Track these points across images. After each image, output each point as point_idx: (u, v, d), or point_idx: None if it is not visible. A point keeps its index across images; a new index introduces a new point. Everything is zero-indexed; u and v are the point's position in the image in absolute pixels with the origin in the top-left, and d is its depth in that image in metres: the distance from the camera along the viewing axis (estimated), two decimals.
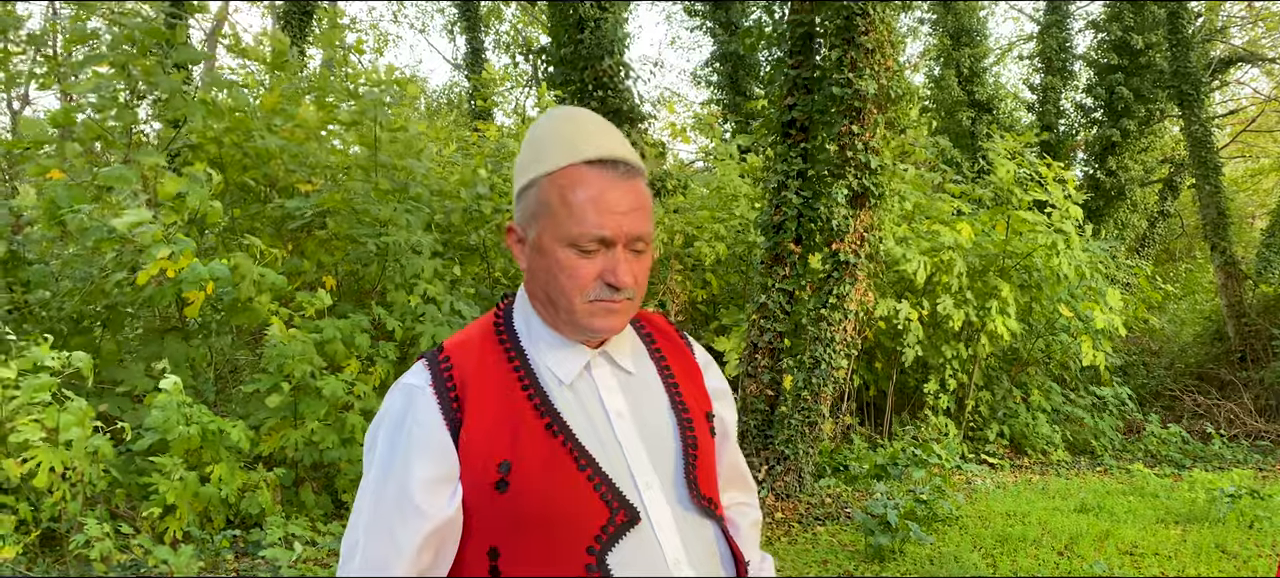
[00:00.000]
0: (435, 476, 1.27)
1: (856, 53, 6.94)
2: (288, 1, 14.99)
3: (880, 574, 5.37)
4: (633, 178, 1.35)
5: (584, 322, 1.34)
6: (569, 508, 1.28)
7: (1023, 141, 11.09)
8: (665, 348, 1.51)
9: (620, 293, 1.33)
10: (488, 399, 1.32)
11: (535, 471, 1.28)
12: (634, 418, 1.38)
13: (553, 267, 1.32)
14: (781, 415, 7.35)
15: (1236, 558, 5.75)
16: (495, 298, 8.48)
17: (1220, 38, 18.01)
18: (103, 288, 6.40)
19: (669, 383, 1.46)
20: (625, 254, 1.33)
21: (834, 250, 7.17)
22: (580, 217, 1.30)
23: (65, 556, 4.97)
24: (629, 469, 1.34)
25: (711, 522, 1.42)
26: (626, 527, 1.29)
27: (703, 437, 1.44)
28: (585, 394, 1.37)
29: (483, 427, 1.29)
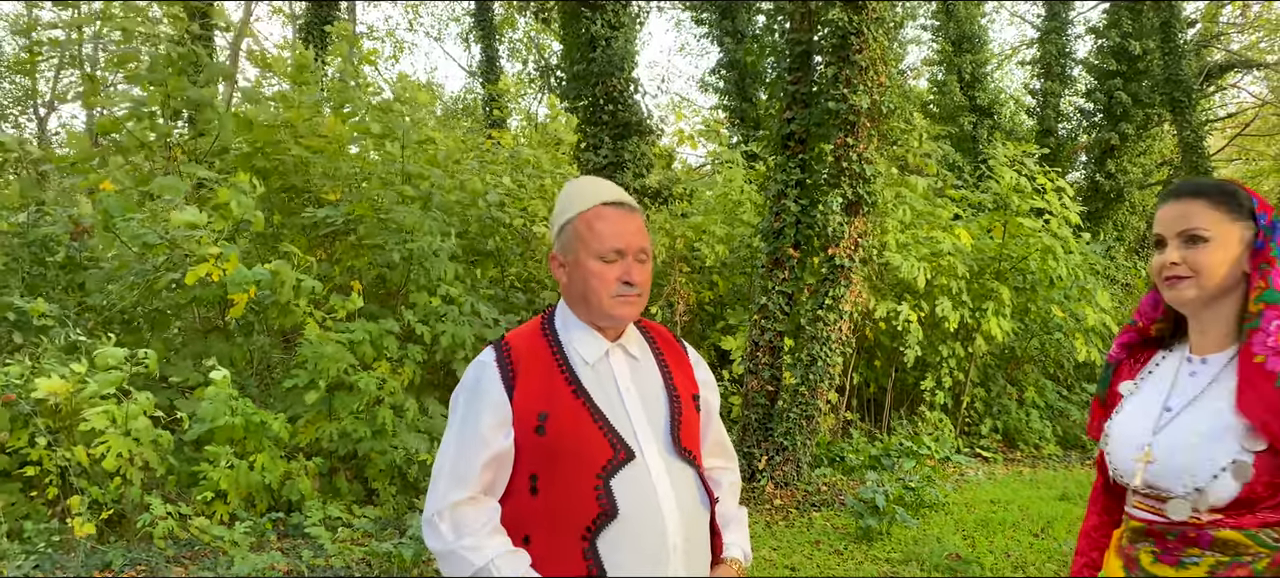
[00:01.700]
0: (496, 421, 1.84)
1: (851, 70, 7.43)
2: (309, 11, 15.55)
3: (868, 553, 5.86)
4: (635, 212, 1.95)
5: (610, 310, 1.90)
6: (585, 446, 1.83)
7: (1022, 149, 11.56)
8: (663, 348, 2.07)
9: (633, 288, 1.90)
10: (534, 373, 1.88)
11: (564, 420, 1.84)
12: (637, 391, 1.94)
13: (587, 275, 1.89)
14: (781, 410, 7.83)
15: None
16: (510, 299, 9.01)
17: (1217, 43, 18.40)
18: (154, 289, 6.92)
19: (664, 371, 2.02)
20: (634, 262, 1.90)
21: (830, 255, 7.65)
22: (603, 237, 1.88)
23: (130, 534, 5.50)
24: (631, 424, 1.88)
25: (691, 467, 1.95)
26: (626, 461, 1.84)
27: (687, 409, 1.98)
28: (603, 372, 1.92)
29: (529, 390, 1.85)
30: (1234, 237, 1.74)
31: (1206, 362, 1.80)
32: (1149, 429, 1.78)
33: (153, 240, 7.02)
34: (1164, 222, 1.80)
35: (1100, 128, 16.19)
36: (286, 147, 8.49)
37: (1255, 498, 1.64)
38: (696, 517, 1.93)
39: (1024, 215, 10.83)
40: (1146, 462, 1.75)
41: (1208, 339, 1.80)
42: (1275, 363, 1.63)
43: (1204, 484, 1.66)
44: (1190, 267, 1.74)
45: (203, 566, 5.16)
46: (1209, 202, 1.76)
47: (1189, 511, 1.70)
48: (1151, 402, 1.83)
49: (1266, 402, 1.62)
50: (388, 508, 6.65)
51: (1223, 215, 1.75)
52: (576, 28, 8.60)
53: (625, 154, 8.31)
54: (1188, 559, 1.71)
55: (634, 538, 1.81)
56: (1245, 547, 1.66)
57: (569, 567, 1.79)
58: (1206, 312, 1.79)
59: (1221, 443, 1.67)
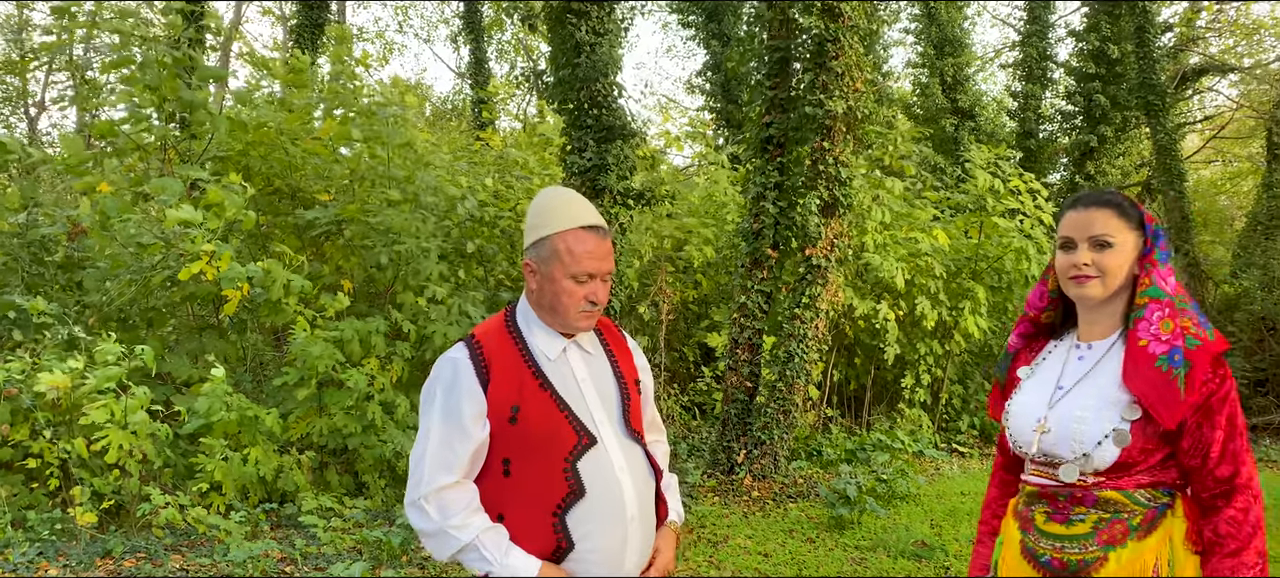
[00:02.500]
0: (475, 413, 2.06)
1: (827, 76, 7.67)
2: (300, 13, 15.70)
3: (839, 540, 6.11)
4: (606, 236, 2.18)
5: (574, 323, 2.15)
6: (554, 433, 2.07)
7: (998, 153, 11.83)
8: (609, 339, 2.32)
9: (596, 306, 2.14)
10: (504, 368, 2.11)
11: (533, 411, 2.07)
12: (593, 381, 2.19)
13: (558, 290, 2.12)
14: (759, 405, 8.07)
15: None
16: (497, 298, 9.23)
17: (1194, 47, 18.72)
18: (150, 287, 7.12)
19: (612, 362, 2.27)
20: (600, 283, 2.14)
21: (807, 255, 7.90)
22: (580, 261, 2.10)
23: (129, 524, 5.71)
24: (590, 412, 2.14)
25: (639, 445, 2.22)
26: (589, 446, 2.09)
27: (633, 395, 2.25)
28: (562, 366, 2.16)
29: (502, 385, 2.08)
30: (1130, 243, 2.02)
31: (1092, 348, 2.07)
32: (1044, 405, 2.06)
33: (148, 240, 7.23)
34: (1074, 226, 2.05)
35: (1080, 130, 16.38)
36: (280, 148, 8.70)
37: (1131, 462, 1.92)
38: (646, 489, 2.20)
39: (999, 216, 11.11)
40: (1042, 433, 2.03)
41: (1096, 329, 2.08)
42: (1155, 346, 1.92)
43: (1090, 450, 1.94)
44: (1098, 267, 2.01)
45: (200, 554, 5.37)
46: (1114, 211, 2.03)
47: (1077, 473, 1.97)
48: (1046, 382, 2.11)
49: (1146, 378, 1.90)
50: (377, 500, 6.87)
51: (1123, 224, 2.02)
52: (562, 33, 8.82)
53: (609, 157, 8.52)
54: (1075, 517, 1.98)
55: (598, 513, 2.07)
56: (1123, 505, 1.94)
57: (541, 539, 2.04)
58: (1101, 305, 2.06)
59: (1104, 414, 1.95)
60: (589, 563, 2.06)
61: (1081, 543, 1.96)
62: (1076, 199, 2.11)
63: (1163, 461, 1.93)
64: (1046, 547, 2.02)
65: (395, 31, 39.36)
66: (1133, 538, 1.92)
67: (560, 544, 2.03)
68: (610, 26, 8.99)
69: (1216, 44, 20.19)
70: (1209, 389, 1.88)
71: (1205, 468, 1.88)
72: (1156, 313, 1.94)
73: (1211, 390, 1.88)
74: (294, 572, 5.20)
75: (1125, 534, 1.92)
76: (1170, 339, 1.91)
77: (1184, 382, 1.87)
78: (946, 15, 17.81)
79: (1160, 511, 1.93)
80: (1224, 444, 1.87)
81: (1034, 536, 2.05)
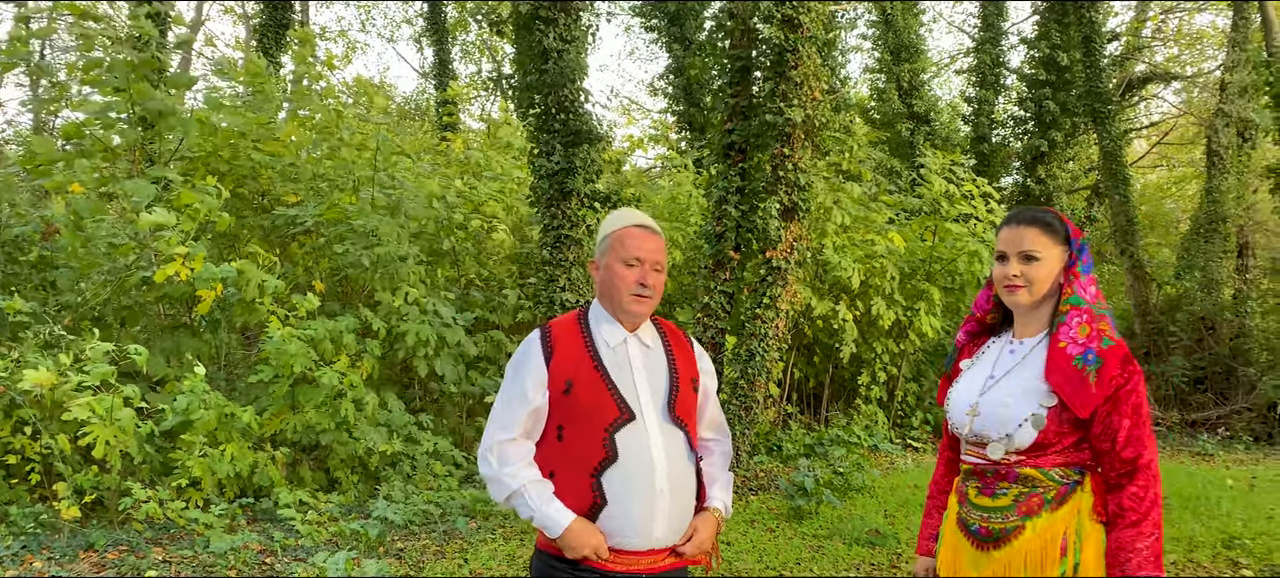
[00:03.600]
0: (536, 383, 2.43)
1: (787, 85, 7.97)
2: (264, 12, 15.73)
3: (797, 530, 6.40)
4: (657, 235, 2.54)
5: (628, 306, 2.47)
6: (599, 406, 2.40)
7: (953, 158, 12.23)
8: (671, 342, 2.61)
9: (647, 289, 2.47)
10: (567, 350, 2.45)
11: (584, 386, 2.41)
12: (645, 370, 2.50)
13: (612, 276, 2.47)
14: (722, 402, 8.34)
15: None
16: (468, 298, 9.42)
17: (1140, 56, 19.32)
18: (124, 287, 7.23)
19: (669, 358, 2.56)
20: (650, 270, 2.48)
21: (768, 258, 8.19)
22: (628, 248, 2.47)
23: (110, 518, 5.85)
24: (636, 394, 2.45)
25: (682, 433, 2.49)
26: (629, 421, 2.40)
27: (684, 388, 2.53)
28: (621, 354, 2.49)
29: (562, 362, 2.43)
30: (1055, 256, 2.33)
31: (1022, 344, 2.39)
32: (977, 392, 2.38)
33: (120, 240, 7.34)
34: (1007, 242, 2.37)
35: (1031, 135, 16.77)
36: (245, 151, 8.82)
37: (1047, 443, 2.23)
38: (682, 470, 2.47)
39: (953, 220, 11.50)
40: (974, 416, 2.34)
41: (1027, 328, 2.40)
42: (1073, 349, 2.23)
43: (1012, 432, 2.25)
44: (1025, 278, 2.32)
45: (181, 546, 5.53)
46: (1040, 229, 2.34)
47: (1002, 452, 2.27)
48: (980, 373, 2.43)
49: (1064, 374, 2.21)
50: (350, 495, 7.04)
51: (1049, 240, 2.33)
52: (530, 39, 9.03)
53: (576, 160, 8.74)
54: (1000, 491, 2.29)
55: (629, 478, 2.38)
56: (1039, 481, 2.25)
57: (580, 496, 2.38)
58: (1032, 309, 2.37)
59: (1026, 401, 2.25)
60: (619, 522, 2.37)
61: (1004, 514, 2.27)
62: (1010, 217, 2.41)
63: (1075, 443, 2.23)
64: (976, 517, 2.33)
65: (358, 31, 39.19)
66: (1047, 510, 2.22)
67: (596, 501, 2.37)
68: (577, 33, 9.22)
69: (1162, 53, 20.86)
70: (1117, 384, 2.18)
71: (1113, 451, 2.18)
72: (1076, 319, 2.26)
73: (1119, 385, 2.18)
74: (274, 563, 5.38)
75: (1041, 506, 2.23)
76: (1086, 342, 2.22)
77: (1095, 377, 2.17)
78: (903, 22, 18.20)
79: (1071, 487, 2.23)
80: (1130, 431, 2.16)
81: (966, 508, 2.37)
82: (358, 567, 5.04)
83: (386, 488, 6.99)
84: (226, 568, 5.22)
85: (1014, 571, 2.22)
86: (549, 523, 2.34)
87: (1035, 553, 2.20)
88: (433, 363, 8.07)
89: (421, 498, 6.82)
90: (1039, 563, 2.19)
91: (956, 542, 2.38)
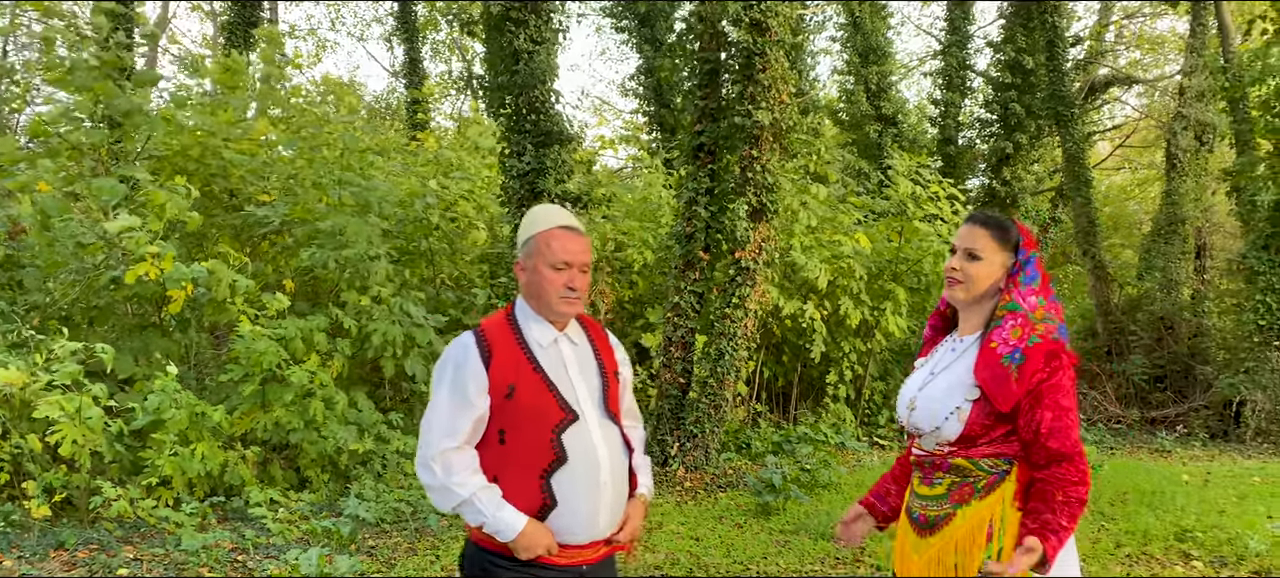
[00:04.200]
0: (479, 388, 2.41)
1: (755, 88, 8.08)
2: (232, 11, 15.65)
3: (765, 525, 6.51)
4: (582, 235, 2.56)
5: (557, 307, 2.50)
6: (543, 409, 2.43)
7: (919, 161, 12.41)
8: (594, 335, 2.68)
9: (575, 292, 2.50)
10: (504, 352, 2.46)
11: (527, 389, 2.43)
12: (578, 368, 2.55)
13: (541, 279, 2.48)
14: (692, 400, 8.46)
15: None
16: (441, 298, 9.46)
17: (1103, 60, 19.66)
18: (93, 286, 7.21)
19: (596, 354, 2.63)
20: (577, 273, 2.49)
21: (737, 258, 8.30)
22: (556, 252, 2.47)
23: (80, 517, 5.85)
24: (576, 394, 2.50)
25: (616, 426, 2.59)
26: (572, 421, 2.45)
27: (613, 383, 2.61)
28: (554, 354, 2.52)
29: (501, 366, 2.44)
30: (998, 260, 2.45)
31: (962, 341, 2.52)
32: (917, 388, 2.52)
33: (88, 240, 7.32)
34: (960, 237, 2.50)
35: (997, 137, 16.99)
36: (216, 150, 8.80)
37: (974, 435, 2.36)
38: (620, 463, 2.56)
39: (919, 221, 11.68)
40: (912, 410, 2.48)
41: (969, 326, 2.52)
42: (1002, 348, 2.36)
43: (940, 424, 2.39)
44: (963, 274, 2.45)
45: (152, 545, 5.54)
46: (989, 231, 2.46)
47: (934, 444, 2.42)
48: (925, 370, 2.57)
49: (990, 371, 2.34)
50: (321, 494, 7.07)
51: (996, 244, 2.45)
52: (500, 40, 9.08)
53: (547, 161, 8.81)
54: (937, 480, 2.43)
55: (577, 478, 2.44)
56: (970, 471, 2.38)
57: (529, 498, 2.41)
58: (971, 307, 2.50)
59: (952, 395, 2.39)
60: (567, 519, 2.42)
61: (939, 502, 2.41)
62: (971, 216, 2.54)
63: (1004, 435, 2.35)
64: (918, 505, 2.48)
65: (328, 29, 38.94)
66: (976, 498, 2.36)
67: (545, 503, 2.40)
68: (548, 35, 9.28)
69: (1125, 56, 21.22)
70: (1039, 379, 2.28)
71: (1037, 441, 2.29)
72: (1010, 323, 2.38)
73: (1041, 380, 2.28)
74: (246, 561, 5.41)
75: (971, 495, 2.36)
76: (1016, 343, 2.34)
77: (1018, 372, 2.29)
78: (871, 25, 18.39)
79: (1000, 476, 2.36)
80: (1052, 423, 2.27)
81: (912, 497, 2.52)
82: (330, 564, 5.08)
83: (357, 487, 7.02)
84: (198, 566, 5.24)
85: (946, 556, 2.36)
86: (503, 528, 2.36)
87: (964, 539, 2.34)
88: (401, 363, 8.11)
89: (392, 496, 6.86)
90: (968, 549, 2.32)
91: (903, 531, 2.52)
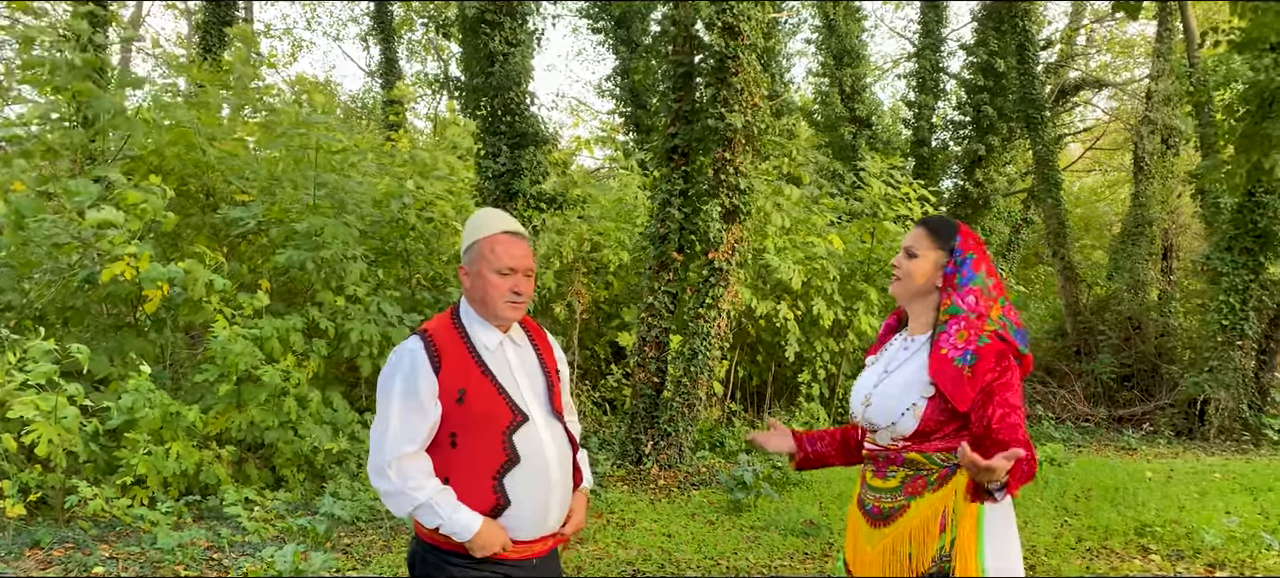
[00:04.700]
0: (431, 393, 2.44)
1: (728, 91, 8.19)
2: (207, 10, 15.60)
3: (736, 522, 6.62)
4: (525, 239, 2.60)
5: (502, 312, 2.55)
6: (494, 412, 2.48)
7: (891, 162, 12.58)
8: (536, 338, 2.74)
9: (520, 297, 2.55)
10: (452, 357, 2.49)
11: (477, 393, 2.47)
12: (524, 369, 2.61)
13: (486, 285, 2.53)
14: (666, 400, 8.56)
15: (1019, 509, 7.17)
16: (416, 298, 9.51)
17: (1073, 63, 19.93)
18: (68, 286, 7.22)
19: (538, 355, 2.69)
20: (522, 278, 2.55)
21: (710, 259, 8.41)
22: (501, 257, 2.52)
23: (55, 516, 5.87)
24: (523, 395, 2.55)
25: (560, 422, 2.66)
26: (522, 422, 2.51)
27: (556, 383, 2.68)
28: (500, 357, 2.57)
29: (450, 370, 2.47)
30: (932, 258, 2.58)
31: (914, 340, 2.63)
32: (872, 385, 2.62)
33: (63, 240, 7.33)
34: (906, 238, 2.63)
35: (970, 139, 17.21)
36: (197, 149, 8.80)
37: (929, 430, 2.47)
38: (566, 459, 2.64)
39: (891, 222, 11.84)
40: (867, 406, 2.58)
41: (917, 326, 2.65)
42: (953, 352, 2.46)
43: (896, 420, 2.49)
44: (902, 271, 2.61)
45: (128, 543, 5.58)
46: (926, 231, 2.61)
47: (890, 438, 2.53)
48: (878, 368, 2.68)
49: (946, 373, 2.45)
50: (296, 493, 7.11)
51: (931, 243, 2.59)
52: (476, 42, 9.15)
53: (522, 162, 8.89)
54: (890, 473, 2.54)
55: (529, 477, 2.50)
56: (924, 465, 2.50)
57: (483, 499, 2.46)
58: (914, 305, 2.64)
59: (908, 392, 2.50)
60: (520, 518, 2.49)
61: (893, 494, 2.52)
62: (920, 220, 2.65)
63: (956, 430, 2.47)
64: (871, 498, 2.58)
65: (304, 28, 38.78)
66: (929, 490, 2.47)
67: (499, 503, 2.46)
68: (523, 37, 9.37)
69: (1095, 60, 21.52)
70: (991, 377, 2.41)
71: (988, 436, 2.40)
72: (955, 327, 2.49)
73: (993, 378, 2.41)
74: (222, 559, 5.45)
75: (924, 487, 2.48)
76: (964, 345, 2.46)
77: (971, 372, 2.42)
78: (845, 27, 18.56)
79: (951, 470, 2.47)
80: (1002, 418, 2.39)
81: (864, 489, 2.62)
82: (305, 561, 5.14)
83: (333, 485, 7.07)
84: (174, 564, 5.28)
85: (901, 546, 2.47)
86: (459, 529, 2.40)
87: (918, 529, 2.46)
88: (379, 362, 8.15)
89: (368, 495, 6.91)
90: (922, 539, 2.44)
91: (856, 523, 2.63)
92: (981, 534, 2.42)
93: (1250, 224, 11.80)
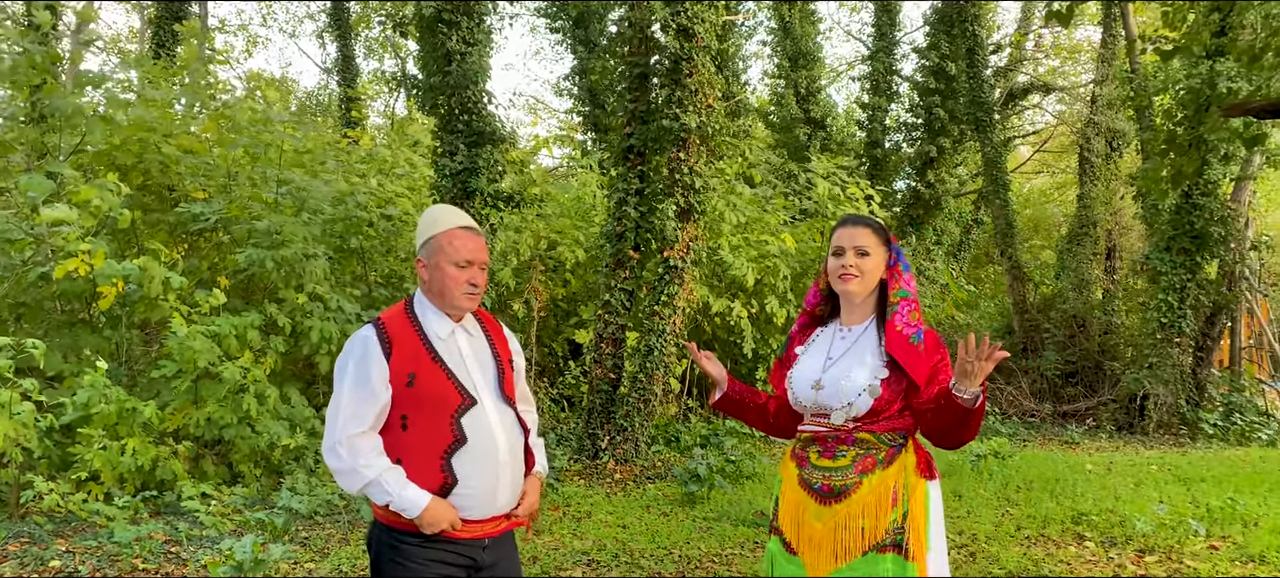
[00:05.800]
0: (381, 379, 2.56)
1: (682, 92, 8.36)
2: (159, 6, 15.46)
3: (690, 513, 6.78)
4: (480, 234, 2.73)
5: (459, 303, 2.68)
6: (443, 395, 2.60)
7: (837, 162, 12.82)
8: (489, 327, 2.86)
9: (476, 289, 2.68)
10: (404, 343, 2.62)
11: (427, 378, 2.60)
12: (475, 356, 2.73)
13: (444, 277, 2.65)
14: (622, 395, 8.70)
15: (963, 499, 7.42)
16: (373, 295, 9.56)
17: (1022, 67, 20.39)
18: (21, 283, 7.19)
19: (490, 344, 2.81)
20: (477, 270, 2.68)
21: (666, 257, 8.57)
22: (459, 251, 2.66)
23: (12, 511, 5.87)
24: (472, 379, 2.68)
25: (511, 408, 2.78)
26: (471, 406, 2.63)
27: (507, 371, 2.80)
28: (451, 344, 2.69)
29: (401, 356, 2.60)
30: (881, 255, 2.79)
31: (852, 330, 2.83)
32: (819, 371, 2.79)
33: (16, 236, 7.29)
34: (844, 239, 2.81)
35: (922, 141, 17.53)
36: (153, 146, 8.78)
37: (879, 410, 2.67)
38: (516, 443, 2.76)
39: None
40: (817, 390, 2.75)
41: (854, 317, 2.84)
42: (907, 330, 2.69)
43: (852, 400, 2.67)
44: (859, 269, 2.76)
45: (84, 538, 5.60)
46: (871, 231, 2.80)
47: (843, 418, 2.71)
48: (818, 355, 2.85)
49: (903, 349, 2.66)
50: (254, 489, 7.14)
51: (877, 241, 2.79)
52: (433, 41, 9.22)
53: (480, 161, 8.97)
54: (840, 453, 2.72)
55: (476, 457, 2.62)
56: (873, 444, 2.69)
57: (431, 478, 2.58)
58: (860, 300, 2.79)
59: (863, 374, 2.69)
60: (468, 496, 2.61)
61: (844, 472, 2.69)
62: (844, 219, 2.85)
63: (900, 411, 2.68)
64: (818, 477, 2.74)
65: (259, 25, 38.37)
66: (880, 468, 2.66)
67: (446, 481, 2.57)
68: (480, 37, 9.45)
69: (1044, 64, 22.00)
70: (935, 358, 2.66)
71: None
72: (906, 308, 2.73)
73: (937, 360, 2.66)
74: (180, 552, 5.49)
75: (874, 465, 2.66)
76: (915, 325, 2.70)
77: (923, 350, 2.66)
78: (800, 29, 18.82)
79: (898, 448, 2.68)
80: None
81: (809, 470, 2.77)
82: (264, 552, 5.20)
83: (290, 481, 7.11)
84: (132, 557, 5.32)
85: (854, 519, 2.64)
86: (407, 506, 2.52)
87: (871, 504, 2.63)
88: (336, 359, 8.18)
89: (326, 490, 6.97)
90: (875, 512, 2.62)
91: (799, 499, 2.78)
92: (928, 508, 2.65)
93: (1187, 225, 12.21)
